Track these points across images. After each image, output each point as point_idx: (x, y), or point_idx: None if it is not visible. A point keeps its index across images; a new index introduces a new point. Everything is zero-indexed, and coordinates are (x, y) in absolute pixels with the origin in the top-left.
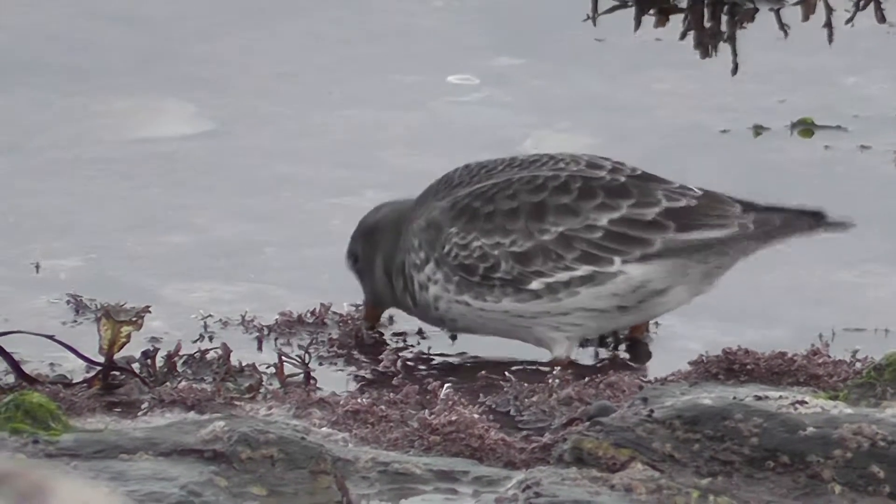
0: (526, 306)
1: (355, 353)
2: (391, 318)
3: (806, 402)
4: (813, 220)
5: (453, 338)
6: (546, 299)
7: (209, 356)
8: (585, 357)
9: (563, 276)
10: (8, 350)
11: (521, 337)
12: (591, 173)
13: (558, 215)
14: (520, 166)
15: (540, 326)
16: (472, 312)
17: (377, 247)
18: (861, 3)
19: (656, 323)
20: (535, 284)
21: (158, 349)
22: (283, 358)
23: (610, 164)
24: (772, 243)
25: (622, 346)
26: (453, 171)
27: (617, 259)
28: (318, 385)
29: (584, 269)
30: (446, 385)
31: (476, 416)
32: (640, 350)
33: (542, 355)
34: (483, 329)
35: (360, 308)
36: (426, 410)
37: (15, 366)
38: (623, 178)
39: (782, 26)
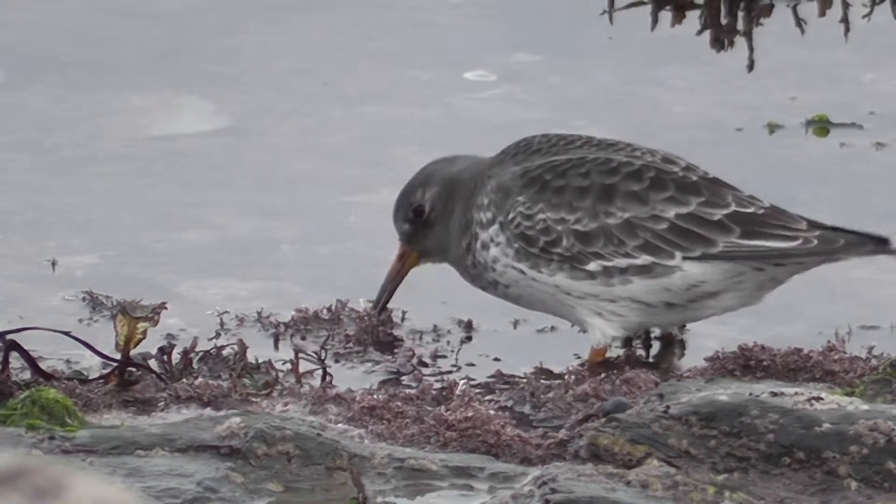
0: (578, 284)
1: (371, 349)
2: (403, 315)
3: (822, 399)
4: (875, 245)
5: (468, 338)
6: (598, 281)
7: (225, 353)
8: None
9: (621, 262)
10: (24, 347)
11: (565, 315)
12: (665, 167)
13: (627, 201)
14: (598, 146)
15: (583, 308)
16: (524, 280)
17: (455, 199)
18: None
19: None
20: (592, 266)
21: (175, 346)
22: (299, 354)
23: (684, 162)
24: (831, 261)
25: (637, 343)
26: (533, 137)
27: (678, 254)
28: (333, 381)
29: (643, 259)
30: (462, 381)
31: (492, 412)
32: (656, 346)
33: (560, 352)
34: (532, 299)
35: (371, 301)
36: (442, 407)
37: (31, 362)
38: (695, 178)
39: (799, 22)
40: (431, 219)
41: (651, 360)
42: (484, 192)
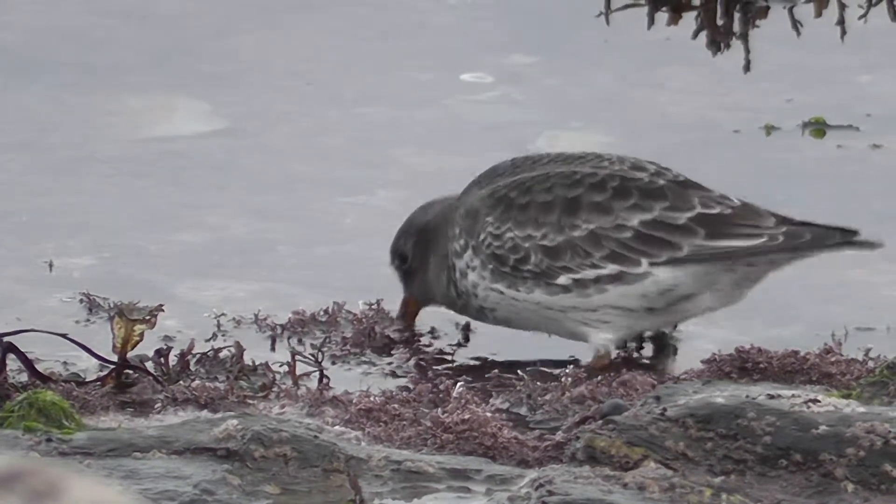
0: (556, 299)
1: (368, 351)
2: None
3: (819, 401)
4: (843, 236)
5: (466, 339)
6: (575, 293)
7: (222, 355)
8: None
9: (589, 273)
10: (21, 349)
11: (554, 331)
12: (631, 174)
13: (591, 212)
14: (564, 161)
15: (570, 321)
16: (505, 301)
17: (429, 245)
18: (874, 0)
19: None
20: (562, 279)
21: (172, 348)
22: (297, 356)
23: (654, 167)
24: (800, 257)
25: (634, 345)
26: (499, 163)
27: (644, 261)
28: (330, 384)
29: (610, 269)
30: (459, 384)
31: (489, 414)
32: (652, 348)
33: (557, 354)
34: (519, 320)
35: (374, 304)
36: (439, 409)
37: (28, 364)
38: (662, 182)
39: (795, 24)
40: (414, 267)
41: (646, 361)
42: (454, 222)
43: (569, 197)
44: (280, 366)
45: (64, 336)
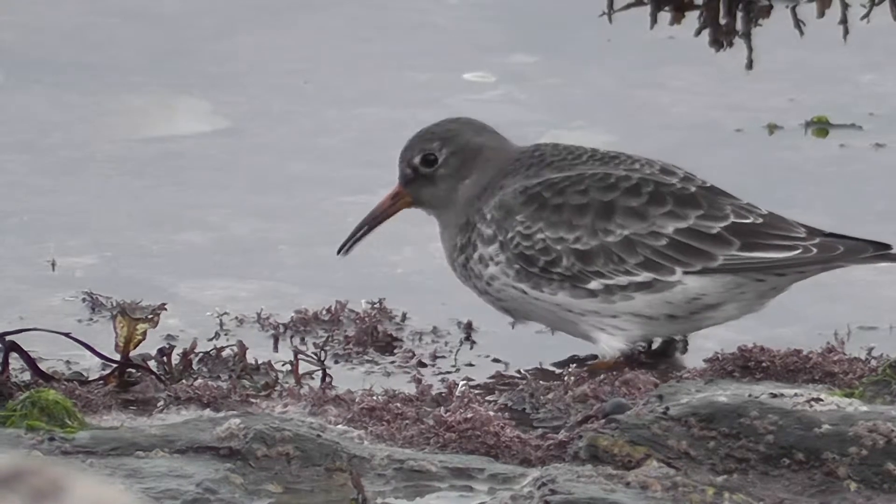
0: (579, 302)
1: (371, 350)
2: (404, 315)
3: (821, 400)
4: (876, 250)
5: (468, 337)
6: (600, 299)
7: (225, 354)
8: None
9: (622, 279)
10: (24, 348)
11: (566, 330)
12: (663, 178)
13: (625, 217)
14: (600, 160)
15: (586, 325)
16: (524, 299)
17: (471, 169)
18: (876, 0)
19: None
20: (593, 284)
21: (174, 347)
22: (299, 355)
23: (682, 172)
24: (831, 269)
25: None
26: (546, 147)
27: (678, 269)
28: (333, 382)
29: (644, 276)
30: (462, 382)
31: (491, 413)
32: (655, 348)
33: (559, 354)
34: (528, 314)
35: (376, 303)
36: (442, 408)
37: (31, 363)
38: (693, 189)
39: (798, 23)
40: (439, 175)
41: (648, 360)
42: (491, 203)
43: (604, 200)
44: (282, 365)
45: (66, 335)
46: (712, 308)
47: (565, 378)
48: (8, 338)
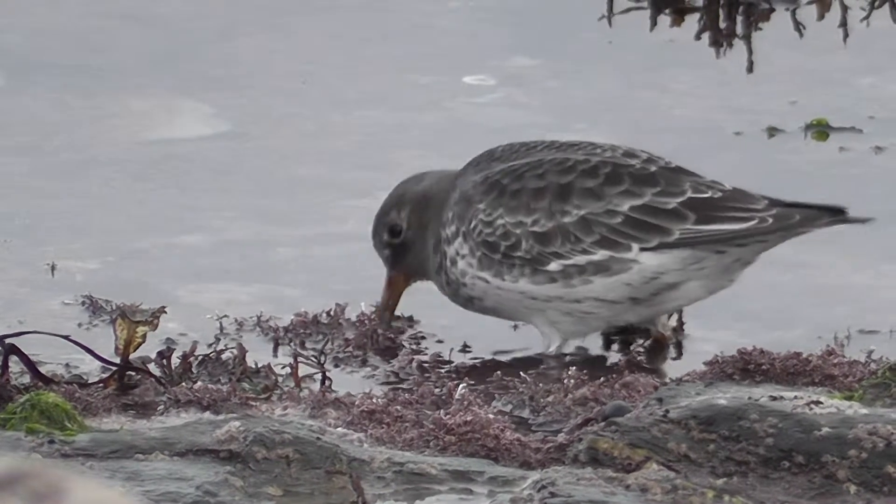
0: (540, 289)
1: (371, 353)
2: (410, 319)
3: (821, 403)
4: (832, 216)
5: (467, 341)
6: (560, 284)
7: (225, 357)
8: (601, 356)
9: (580, 259)
10: (24, 350)
11: (533, 321)
12: (623, 161)
13: (582, 198)
14: (558, 148)
15: (552, 311)
16: (491, 290)
17: (429, 215)
18: (876, 3)
19: (681, 325)
20: (552, 266)
21: (174, 350)
22: (299, 358)
23: (646, 155)
24: (790, 237)
25: (637, 347)
26: (496, 147)
27: (635, 245)
28: (333, 385)
29: (601, 254)
30: (462, 385)
31: (491, 416)
32: (655, 350)
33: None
34: (504, 310)
35: (376, 307)
36: (441, 411)
37: (31, 366)
38: (654, 168)
39: (797, 26)
40: (408, 238)
41: (648, 363)
42: (448, 206)
43: (561, 183)
44: (282, 368)
45: (66, 338)
46: (674, 288)
47: (565, 381)
48: (8, 341)
